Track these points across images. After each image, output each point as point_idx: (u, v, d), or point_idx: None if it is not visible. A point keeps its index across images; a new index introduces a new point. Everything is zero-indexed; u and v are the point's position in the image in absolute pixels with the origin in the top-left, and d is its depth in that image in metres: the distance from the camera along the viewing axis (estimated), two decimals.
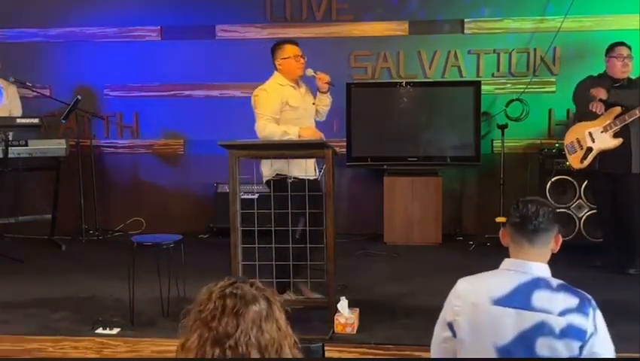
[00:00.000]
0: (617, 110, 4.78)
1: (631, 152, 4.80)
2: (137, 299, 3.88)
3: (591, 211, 5.45)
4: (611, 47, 4.95)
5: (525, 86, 6.12)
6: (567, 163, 5.14)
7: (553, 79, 6.16)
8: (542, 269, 2.14)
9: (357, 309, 3.78)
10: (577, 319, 2.00)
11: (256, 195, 5.38)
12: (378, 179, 6.08)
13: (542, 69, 6.16)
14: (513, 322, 2.04)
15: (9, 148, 5.47)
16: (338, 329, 3.66)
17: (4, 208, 5.82)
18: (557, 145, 5.67)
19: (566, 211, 5.53)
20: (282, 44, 4.38)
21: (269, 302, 1.63)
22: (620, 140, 4.78)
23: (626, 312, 3.85)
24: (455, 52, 6.24)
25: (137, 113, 6.64)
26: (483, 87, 5.99)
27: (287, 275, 3.93)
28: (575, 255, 5.12)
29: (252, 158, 4.08)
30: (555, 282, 2.10)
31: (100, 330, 3.71)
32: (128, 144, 6.68)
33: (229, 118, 6.28)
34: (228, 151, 3.79)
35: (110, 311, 4.02)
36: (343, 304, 3.69)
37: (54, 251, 5.80)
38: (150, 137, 6.65)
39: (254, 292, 1.63)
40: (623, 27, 5.85)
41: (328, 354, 3.45)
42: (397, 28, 6.31)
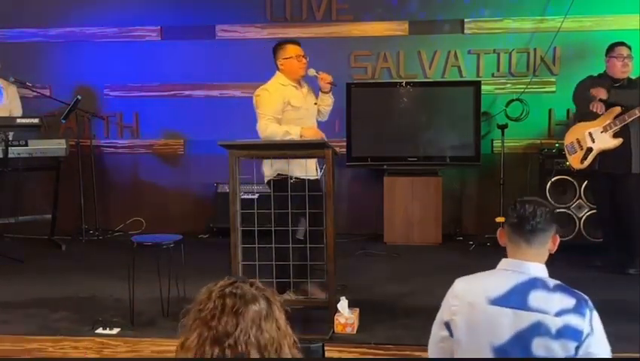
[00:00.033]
0: (617, 110, 4.78)
1: (631, 152, 4.80)
2: (137, 299, 3.88)
3: (591, 211, 5.45)
4: (611, 47, 4.95)
5: (525, 86, 6.12)
6: (567, 163, 5.14)
7: (553, 79, 6.16)
8: (539, 269, 2.14)
9: (357, 309, 3.78)
10: (573, 319, 2.00)
11: (256, 195, 5.39)
12: (378, 179, 6.08)
13: (542, 69, 6.16)
14: (509, 322, 2.04)
15: (9, 148, 5.47)
16: (338, 329, 3.66)
17: (4, 208, 5.82)
18: (557, 145, 5.67)
19: (566, 211, 5.53)
20: (284, 44, 4.36)
21: (268, 302, 1.63)
22: (620, 140, 4.78)
23: (626, 312, 3.85)
24: (455, 52, 6.24)
25: (137, 113, 6.64)
26: (483, 87, 5.99)
27: (287, 275, 3.93)
28: (575, 255, 5.12)
29: (252, 158, 4.08)
30: (552, 282, 2.10)
31: (100, 330, 3.71)
32: (128, 144, 6.68)
33: (229, 118, 6.30)
34: (228, 151, 3.79)
35: (110, 311, 4.02)
36: (343, 304, 3.69)
37: (54, 251, 5.80)
38: (150, 137, 6.65)
39: (254, 291, 1.63)
40: (623, 27, 5.86)
41: (328, 354, 3.45)
42: (397, 28, 6.31)
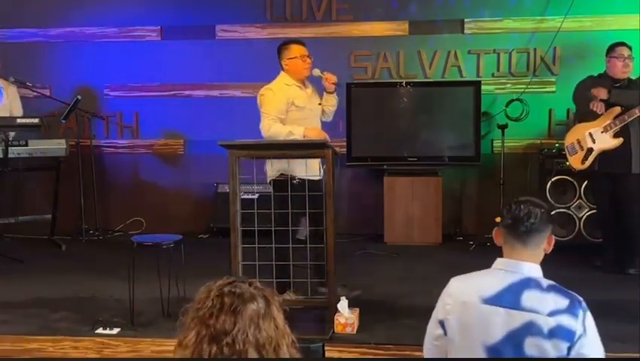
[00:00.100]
0: (617, 110, 4.77)
1: (631, 152, 4.79)
2: (137, 299, 3.88)
3: (591, 211, 5.45)
4: (612, 47, 4.95)
5: (525, 86, 6.12)
6: (567, 163, 5.14)
7: (553, 79, 6.16)
8: (533, 269, 2.14)
9: (357, 309, 3.78)
10: (566, 320, 2.00)
11: (256, 195, 5.39)
12: (378, 179, 6.08)
13: (542, 69, 6.16)
14: (502, 321, 2.05)
15: (9, 148, 5.47)
16: (338, 329, 3.65)
17: (4, 208, 5.82)
18: (557, 145, 5.67)
19: (566, 211, 5.53)
20: (289, 44, 4.36)
21: (267, 301, 1.63)
22: (621, 140, 4.77)
23: (626, 312, 3.85)
24: (455, 52, 6.24)
25: (137, 113, 6.64)
26: (483, 87, 5.99)
27: (287, 275, 3.93)
28: (575, 255, 5.13)
29: (252, 158, 4.08)
30: (545, 282, 2.10)
31: (100, 330, 3.71)
32: (128, 144, 6.68)
33: (229, 118, 6.30)
34: (228, 151, 3.79)
35: (110, 311, 4.01)
36: (343, 304, 3.69)
37: (54, 251, 5.79)
38: (150, 137, 6.65)
39: (253, 291, 1.63)
40: (623, 27, 5.85)
41: (328, 354, 3.45)
42: (397, 28, 6.31)
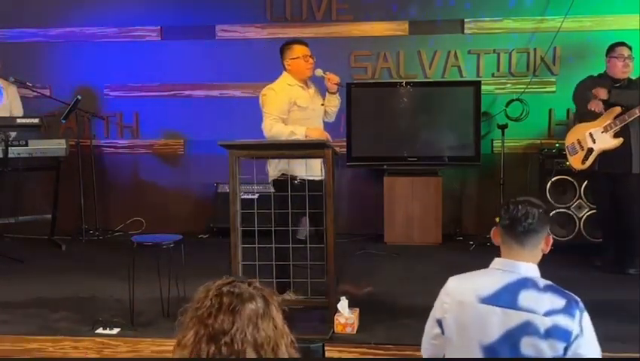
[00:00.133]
0: (617, 110, 4.77)
1: (631, 152, 4.79)
2: (137, 299, 3.88)
3: (591, 211, 5.45)
4: (612, 47, 4.95)
5: (525, 86, 6.12)
6: (567, 163, 5.14)
7: (553, 79, 6.16)
8: (531, 269, 2.14)
9: (357, 309, 3.77)
10: (562, 320, 2.00)
11: (256, 195, 5.39)
12: (378, 179, 6.08)
13: (542, 69, 6.16)
14: (499, 320, 2.05)
15: (9, 148, 5.47)
16: (338, 329, 3.65)
17: (4, 208, 5.82)
18: (557, 145, 5.67)
19: (566, 211, 5.54)
20: (291, 44, 4.36)
21: (266, 301, 1.63)
22: (621, 140, 4.77)
23: (626, 312, 3.85)
24: (455, 52, 6.23)
25: (137, 113, 6.64)
26: (483, 87, 5.99)
27: (287, 275, 3.93)
28: (575, 255, 5.13)
29: (252, 158, 4.08)
30: (542, 282, 2.11)
31: (100, 330, 3.71)
32: (128, 144, 6.68)
33: (229, 118, 6.30)
34: (228, 151, 3.79)
35: (110, 311, 4.01)
36: (343, 304, 3.69)
37: (54, 251, 5.79)
38: (150, 137, 6.65)
39: (252, 290, 1.63)
40: (623, 27, 5.85)
41: (328, 354, 3.45)
42: (397, 28, 6.31)
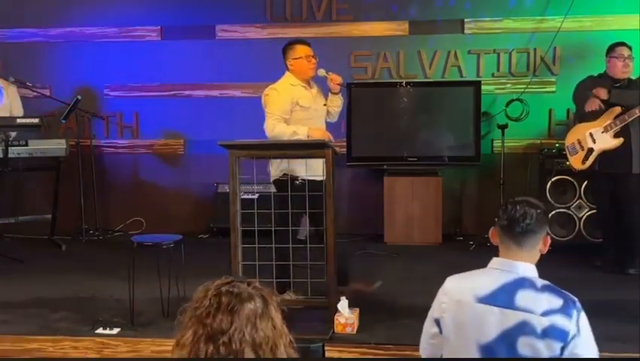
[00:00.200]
0: (617, 110, 4.77)
1: (631, 152, 4.79)
2: (137, 299, 3.88)
3: (591, 211, 5.45)
4: (612, 47, 4.95)
5: (525, 86, 6.12)
6: (567, 163, 5.14)
7: (553, 79, 6.16)
8: (529, 269, 2.14)
9: (357, 309, 3.77)
10: (559, 320, 2.00)
11: (256, 195, 5.39)
12: (378, 179, 6.08)
13: (542, 69, 6.16)
14: (496, 320, 2.05)
15: (9, 148, 5.47)
16: (338, 329, 3.65)
17: (4, 208, 5.82)
18: (557, 145, 5.67)
19: (566, 211, 5.54)
20: (294, 44, 4.36)
21: (265, 301, 1.63)
22: (621, 140, 4.77)
23: (626, 312, 3.85)
24: (455, 52, 6.23)
25: (137, 113, 6.64)
26: (483, 87, 5.99)
27: (287, 275, 3.93)
28: (575, 255, 5.13)
29: (252, 158, 4.08)
30: (540, 282, 2.11)
31: (100, 330, 3.71)
32: (128, 144, 6.68)
33: (229, 118, 6.30)
34: (228, 151, 3.79)
35: (110, 311, 4.01)
36: (343, 304, 3.69)
37: (54, 251, 5.79)
38: (150, 137, 6.65)
39: (251, 290, 1.63)
40: (623, 27, 5.85)
41: (328, 354, 3.45)
42: (397, 28, 6.31)
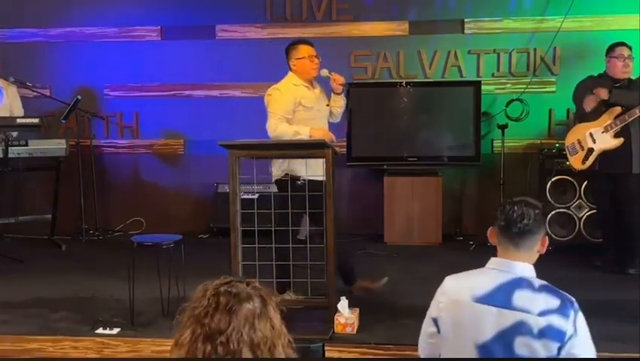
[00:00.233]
0: (618, 110, 4.77)
1: (631, 152, 4.79)
2: (137, 299, 3.88)
3: (591, 211, 5.44)
4: (612, 48, 4.94)
5: (525, 86, 6.12)
6: (567, 163, 5.14)
7: (553, 79, 6.16)
8: (526, 269, 2.14)
9: (357, 309, 3.78)
10: (556, 320, 2.00)
11: (256, 195, 5.39)
12: (378, 179, 6.08)
13: (542, 69, 6.16)
14: (493, 320, 2.05)
15: (9, 148, 5.47)
16: (338, 329, 3.65)
17: (4, 208, 5.82)
18: (557, 145, 5.67)
19: (566, 211, 5.53)
20: (297, 44, 4.36)
21: (263, 301, 1.63)
22: (621, 140, 4.77)
23: (626, 312, 3.85)
24: (455, 52, 6.23)
25: (137, 113, 6.64)
26: (483, 87, 5.99)
27: (287, 275, 3.93)
28: (575, 255, 5.12)
29: (252, 158, 4.08)
30: (537, 282, 2.11)
31: (100, 330, 3.71)
32: (128, 144, 6.68)
33: (229, 118, 6.31)
34: (228, 151, 3.79)
35: (110, 311, 4.02)
36: (343, 304, 3.69)
37: (54, 251, 5.79)
38: (150, 137, 6.65)
39: (249, 290, 1.63)
40: (623, 27, 5.85)
41: (328, 354, 3.45)
42: (397, 28, 6.31)
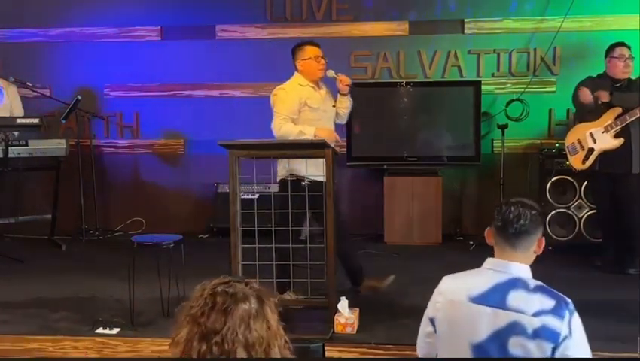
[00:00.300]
0: (618, 110, 4.77)
1: (631, 152, 4.79)
2: (137, 299, 3.88)
3: (591, 211, 5.44)
4: (612, 48, 4.94)
5: (525, 86, 6.12)
6: (567, 163, 5.14)
7: (553, 79, 6.16)
8: (522, 270, 2.14)
9: (357, 309, 3.78)
10: (551, 321, 2.00)
11: (256, 195, 5.39)
12: (378, 179, 6.08)
13: (542, 69, 6.16)
14: (488, 320, 2.05)
15: (9, 148, 5.47)
16: (338, 329, 3.66)
17: (4, 208, 5.82)
18: (557, 145, 5.67)
19: (566, 211, 5.53)
20: (303, 45, 4.37)
21: (260, 301, 1.63)
22: (622, 140, 4.76)
23: (626, 312, 3.85)
24: (455, 52, 6.23)
25: (137, 113, 6.64)
26: (483, 87, 5.99)
27: (287, 275, 3.93)
28: (575, 255, 5.12)
29: (252, 158, 4.08)
30: (533, 283, 2.11)
31: (100, 330, 3.71)
32: (128, 144, 6.68)
33: (229, 118, 6.31)
34: (228, 151, 3.79)
35: (110, 311, 4.02)
36: (343, 304, 3.69)
37: (54, 251, 5.79)
38: (150, 137, 6.65)
39: (247, 290, 1.63)
40: (623, 27, 5.85)
41: (328, 354, 3.45)
42: (397, 28, 6.31)
